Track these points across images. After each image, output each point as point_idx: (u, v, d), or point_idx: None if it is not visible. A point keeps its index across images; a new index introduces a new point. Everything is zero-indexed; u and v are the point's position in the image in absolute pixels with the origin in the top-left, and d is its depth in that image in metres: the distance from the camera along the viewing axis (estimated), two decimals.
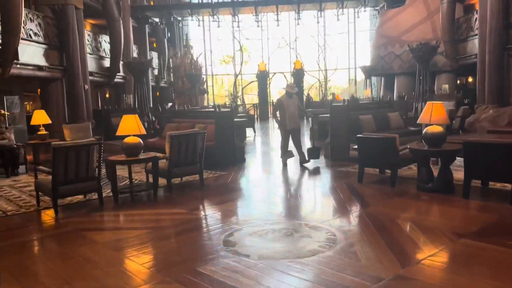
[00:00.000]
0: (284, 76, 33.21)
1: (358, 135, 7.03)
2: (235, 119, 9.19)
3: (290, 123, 8.66)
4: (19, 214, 5.75)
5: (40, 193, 6.01)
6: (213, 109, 9.90)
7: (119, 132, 6.07)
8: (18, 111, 15.55)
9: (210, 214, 5.83)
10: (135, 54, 22.23)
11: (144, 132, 6.04)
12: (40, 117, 9.52)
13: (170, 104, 21.86)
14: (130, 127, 6.04)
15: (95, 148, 5.77)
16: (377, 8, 21.65)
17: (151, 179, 6.62)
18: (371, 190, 6.43)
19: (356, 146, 7.14)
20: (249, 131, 16.43)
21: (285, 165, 8.87)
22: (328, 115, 9.55)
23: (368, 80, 19.95)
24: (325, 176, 7.91)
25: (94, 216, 5.67)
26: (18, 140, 10.32)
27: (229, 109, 8.81)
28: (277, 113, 8.91)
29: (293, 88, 8.76)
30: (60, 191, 5.60)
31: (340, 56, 32.48)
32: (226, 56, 33.62)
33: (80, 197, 6.32)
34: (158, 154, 6.66)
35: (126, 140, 6.22)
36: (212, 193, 6.71)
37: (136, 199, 6.38)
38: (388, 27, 20.38)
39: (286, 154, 8.89)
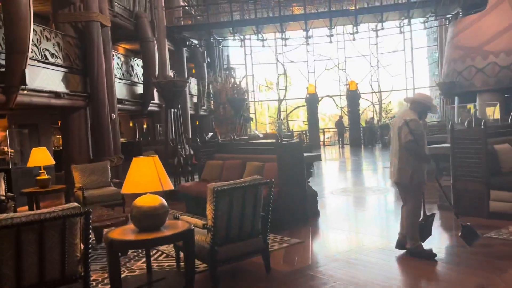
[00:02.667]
0: (333, 100, 30.33)
1: None
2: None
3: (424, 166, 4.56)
4: None
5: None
6: (272, 140, 7.12)
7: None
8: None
9: None
10: None
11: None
12: (40, 157, 7.04)
13: (210, 134, 19.40)
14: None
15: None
16: (449, 16, 18.47)
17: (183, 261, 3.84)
18: None
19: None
20: None
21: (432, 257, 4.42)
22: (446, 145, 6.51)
23: (449, 99, 16.55)
24: (465, 256, 4.74)
25: None
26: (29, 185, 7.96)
27: (296, 139, 5.94)
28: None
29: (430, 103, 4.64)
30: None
31: (395, 76, 29.30)
32: (268, 82, 31.20)
33: None
34: (193, 221, 3.90)
35: (139, 201, 3.50)
36: None
37: None
38: (466, 37, 17.15)
39: (425, 232, 4.59)
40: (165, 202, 3.61)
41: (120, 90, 14.87)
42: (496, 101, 16.44)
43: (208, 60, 25.26)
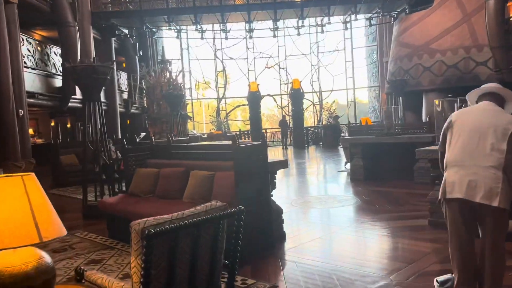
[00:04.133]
0: (274, 99, 29.31)
1: None
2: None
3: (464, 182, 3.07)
4: None
5: None
6: (227, 142, 5.54)
7: None
8: None
9: None
10: None
11: None
12: None
13: (142, 134, 17.33)
14: None
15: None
16: (393, 13, 18.00)
17: None
18: None
19: None
20: None
21: None
22: None
23: (398, 98, 15.89)
24: None
25: None
26: None
27: (259, 142, 4.41)
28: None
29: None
30: None
31: (336, 76, 28.90)
32: (206, 81, 29.41)
33: None
34: (107, 283, 2.24)
35: None
36: None
37: None
38: (412, 35, 16.69)
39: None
40: (48, 260, 1.92)
41: (32, 81, 12.49)
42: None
43: (141, 53, 23.00)
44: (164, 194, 5.26)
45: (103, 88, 11.98)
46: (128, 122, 23.37)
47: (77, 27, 14.48)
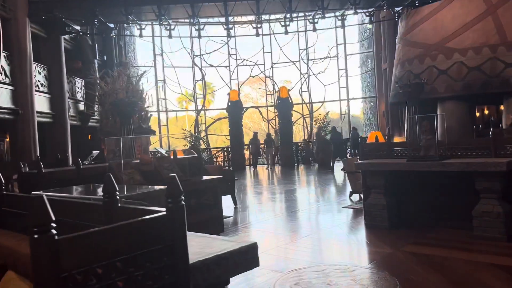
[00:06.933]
0: (259, 111, 26.23)
1: None
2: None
3: None
4: None
5: None
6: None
7: None
8: None
9: None
10: (39, 78, 14.48)
11: None
12: None
13: (96, 152, 14.02)
14: None
15: None
16: (398, 9, 15.12)
17: None
18: None
19: None
20: (224, 202, 8.83)
21: None
22: None
23: (411, 107, 12.71)
24: None
25: None
26: None
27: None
28: None
29: None
30: None
31: (328, 86, 25.95)
32: (182, 89, 26.26)
33: None
34: None
35: None
36: None
37: None
38: (424, 32, 13.82)
39: None
40: None
41: None
42: (461, 111, 13.18)
43: (105, 58, 19.81)
44: None
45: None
46: (90, 138, 20.09)
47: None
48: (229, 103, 18.79)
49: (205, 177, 6.26)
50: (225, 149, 20.32)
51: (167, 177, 5.20)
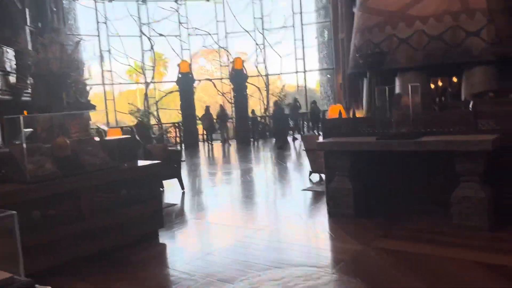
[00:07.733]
0: (214, 84, 24.95)
1: None
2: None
3: None
4: None
5: None
6: None
7: None
8: None
9: None
10: None
11: None
12: None
13: (29, 130, 12.43)
14: None
15: None
16: None
17: None
18: None
19: None
20: (169, 186, 7.82)
21: None
22: None
23: (371, 80, 11.94)
24: None
25: None
26: None
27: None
28: None
29: None
30: None
31: (284, 57, 25.02)
32: (136, 66, 24.51)
33: None
34: None
35: None
36: None
37: None
38: None
39: None
40: None
41: None
42: (421, 82, 12.68)
43: (40, 25, 17.77)
44: None
45: None
46: (26, 113, 18.18)
47: None
48: (179, 75, 17.46)
49: (140, 163, 5.21)
50: (176, 124, 19.07)
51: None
